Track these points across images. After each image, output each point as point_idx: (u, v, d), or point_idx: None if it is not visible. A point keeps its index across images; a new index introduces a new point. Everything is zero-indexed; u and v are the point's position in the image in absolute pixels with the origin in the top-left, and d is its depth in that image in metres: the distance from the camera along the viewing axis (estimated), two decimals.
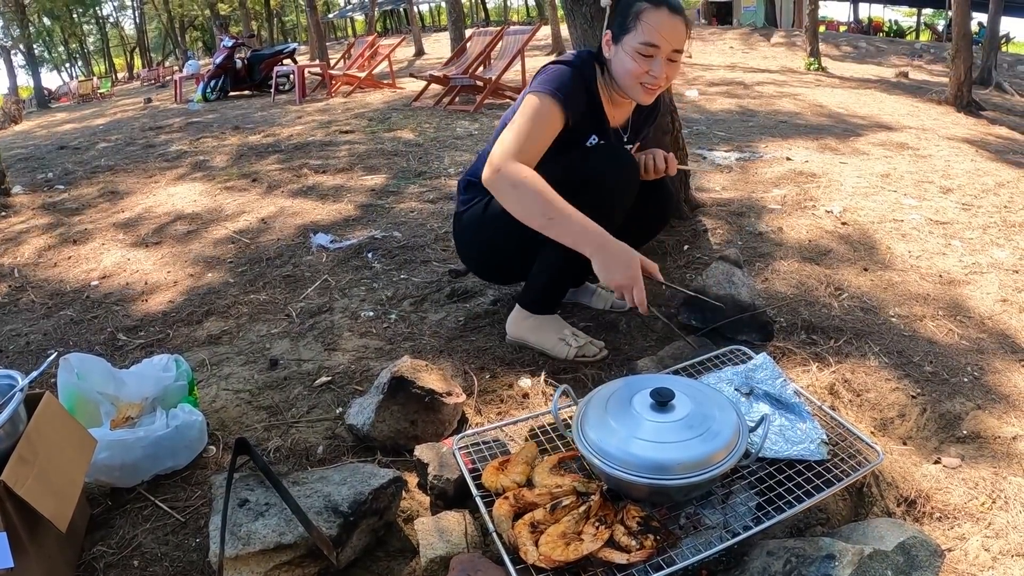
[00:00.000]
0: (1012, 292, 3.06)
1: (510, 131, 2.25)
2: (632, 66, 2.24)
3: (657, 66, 2.23)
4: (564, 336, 2.48)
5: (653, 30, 2.18)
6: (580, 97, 2.33)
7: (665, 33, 2.19)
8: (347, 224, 4.21)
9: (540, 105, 2.25)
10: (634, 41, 2.21)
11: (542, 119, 2.25)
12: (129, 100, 19.42)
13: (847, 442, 1.83)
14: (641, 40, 2.20)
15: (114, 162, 6.91)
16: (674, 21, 2.21)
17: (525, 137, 2.22)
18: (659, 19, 2.19)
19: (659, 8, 2.19)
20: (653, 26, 2.18)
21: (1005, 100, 12.06)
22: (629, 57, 2.24)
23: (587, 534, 1.52)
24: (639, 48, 2.20)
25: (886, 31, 37.37)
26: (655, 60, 2.22)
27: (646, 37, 2.19)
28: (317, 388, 2.40)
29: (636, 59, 2.22)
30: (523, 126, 2.24)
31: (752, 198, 4.32)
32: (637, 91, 2.30)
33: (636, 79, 2.26)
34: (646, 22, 2.19)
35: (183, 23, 49.52)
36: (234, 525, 1.60)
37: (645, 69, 2.23)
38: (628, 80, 2.28)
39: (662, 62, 2.23)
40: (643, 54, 2.21)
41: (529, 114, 2.25)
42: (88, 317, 3.18)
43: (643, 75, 2.25)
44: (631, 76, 2.26)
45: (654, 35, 2.19)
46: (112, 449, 1.84)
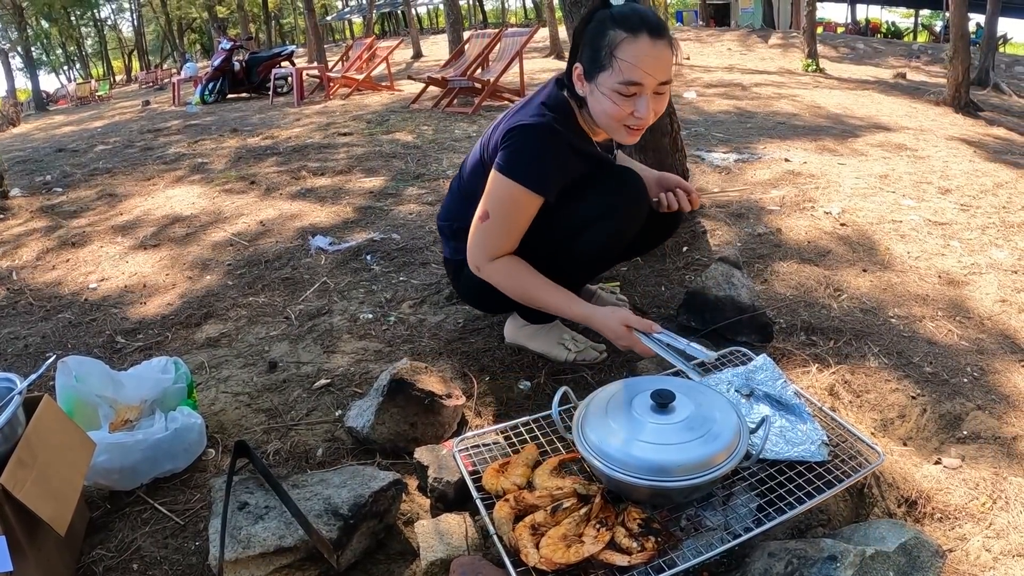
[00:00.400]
0: (1011, 292, 3.06)
1: (484, 228, 2.12)
2: (613, 109, 1.97)
3: (642, 105, 1.95)
4: (563, 340, 2.47)
5: (633, 67, 1.90)
6: (558, 172, 2.10)
7: (648, 67, 1.91)
8: (346, 226, 4.21)
9: (512, 198, 2.07)
10: (612, 81, 1.93)
11: (516, 211, 2.09)
12: (127, 103, 19.44)
13: (848, 443, 1.83)
14: (621, 80, 1.92)
15: (112, 165, 6.91)
16: (657, 50, 1.91)
17: (500, 233, 2.12)
18: (639, 51, 1.89)
19: (637, 37, 1.90)
20: (633, 62, 1.90)
21: (1003, 101, 12.07)
22: (608, 99, 1.96)
23: (588, 536, 1.52)
24: (619, 89, 1.93)
25: (884, 32, 37.44)
26: (639, 99, 1.95)
27: (626, 76, 1.91)
28: (316, 391, 2.40)
29: (617, 100, 1.95)
30: (497, 223, 2.10)
31: (751, 199, 4.32)
32: (620, 133, 2.05)
33: (619, 122, 2.00)
34: (624, 59, 1.90)
35: (181, 25, 49.62)
36: (234, 528, 1.60)
37: (628, 111, 1.97)
38: (609, 123, 2.03)
39: (647, 99, 1.95)
40: (624, 94, 1.94)
41: (501, 211, 2.09)
42: (86, 320, 3.17)
43: (626, 117, 1.98)
44: (612, 119, 2.00)
45: (635, 72, 1.91)
46: (111, 452, 1.84)
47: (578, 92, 2.06)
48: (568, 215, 2.15)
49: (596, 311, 2.09)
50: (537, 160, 2.05)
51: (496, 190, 2.08)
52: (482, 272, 2.18)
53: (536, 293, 2.14)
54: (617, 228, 2.20)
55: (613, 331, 2.03)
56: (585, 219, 2.16)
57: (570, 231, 2.16)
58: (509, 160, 2.06)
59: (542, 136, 2.05)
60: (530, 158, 2.05)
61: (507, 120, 2.15)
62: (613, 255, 2.43)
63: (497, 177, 2.07)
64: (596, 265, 2.42)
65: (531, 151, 2.05)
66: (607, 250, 2.25)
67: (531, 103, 2.16)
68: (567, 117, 2.11)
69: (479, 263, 2.16)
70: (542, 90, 2.20)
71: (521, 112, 2.13)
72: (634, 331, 1.99)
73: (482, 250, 2.14)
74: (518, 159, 2.05)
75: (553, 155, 2.07)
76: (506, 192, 2.06)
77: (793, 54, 18.70)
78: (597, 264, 2.42)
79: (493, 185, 2.09)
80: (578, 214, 2.16)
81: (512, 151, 2.06)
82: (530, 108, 2.12)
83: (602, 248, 2.22)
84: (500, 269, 2.14)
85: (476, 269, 2.19)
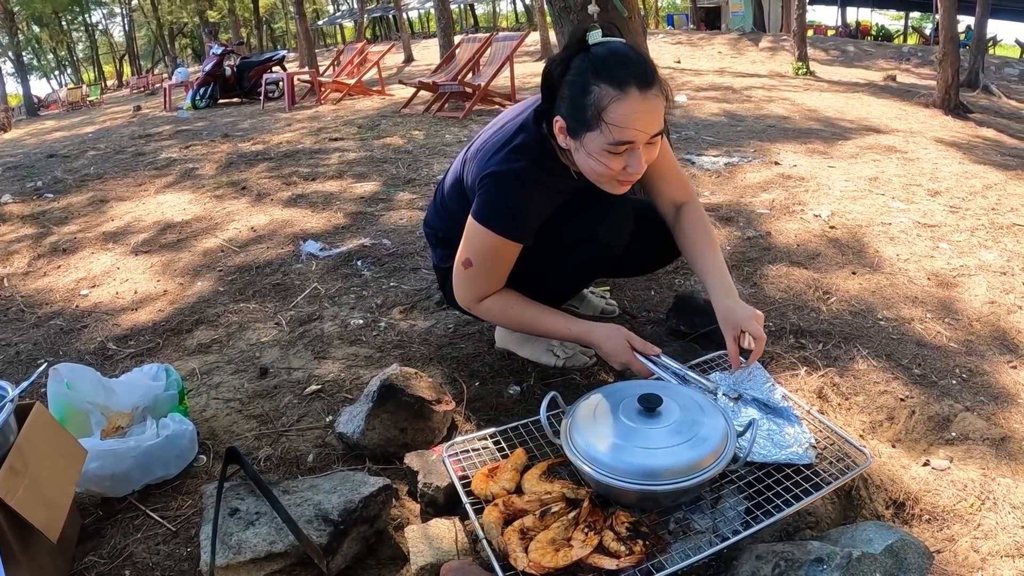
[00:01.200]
0: (1000, 294, 3.07)
1: (468, 275, 2.09)
2: (602, 168, 1.85)
3: (635, 160, 1.83)
4: (552, 347, 2.47)
5: (623, 129, 1.76)
6: (534, 216, 2.04)
7: (640, 125, 1.77)
8: (337, 232, 4.21)
9: (491, 247, 2.02)
10: (600, 142, 1.79)
11: (497, 258, 2.06)
12: (118, 108, 19.39)
13: (835, 446, 1.84)
14: (609, 142, 1.78)
15: (103, 170, 6.89)
16: (648, 103, 1.76)
17: (484, 278, 2.09)
18: (629, 111, 1.75)
19: (626, 94, 1.74)
20: (623, 124, 1.75)
21: (992, 103, 12.12)
22: (595, 159, 1.84)
23: (576, 540, 1.52)
24: (609, 149, 1.80)
25: (874, 35, 37.46)
26: (631, 154, 1.82)
27: (616, 137, 1.77)
28: (307, 396, 2.40)
29: (606, 160, 1.82)
30: (480, 270, 2.07)
31: (741, 202, 4.33)
32: (612, 187, 1.94)
33: (611, 179, 1.90)
34: (613, 121, 1.75)
35: (172, 30, 49.47)
36: (224, 534, 1.61)
37: (620, 167, 1.84)
38: (597, 179, 1.92)
39: (639, 153, 1.82)
40: (615, 153, 1.81)
41: (482, 259, 2.05)
42: (78, 326, 3.17)
43: (618, 173, 1.86)
44: (600, 176, 1.90)
45: (626, 133, 1.76)
46: (103, 459, 1.84)
47: (560, 144, 1.93)
48: (551, 238, 2.11)
49: (596, 327, 2.10)
50: (511, 209, 1.99)
51: (475, 239, 2.03)
52: (473, 311, 2.18)
53: (531, 322, 2.15)
54: (600, 252, 2.19)
55: (614, 347, 2.03)
56: (568, 243, 2.13)
57: (552, 253, 2.15)
58: (484, 209, 2.00)
59: (515, 185, 1.98)
60: (505, 207, 1.99)
61: (484, 154, 2.06)
62: (596, 275, 2.43)
63: (474, 226, 2.01)
64: (577, 284, 2.43)
65: (505, 200, 1.99)
66: (590, 271, 2.27)
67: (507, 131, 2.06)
68: (544, 157, 2.01)
69: (468, 305, 2.16)
70: (520, 115, 2.09)
71: (496, 153, 2.02)
72: (634, 351, 2.01)
73: (470, 294, 2.13)
74: (493, 208, 1.99)
75: (529, 203, 2.01)
76: (485, 242, 2.01)
77: (783, 57, 18.77)
78: (578, 283, 2.43)
79: (471, 233, 2.03)
80: (561, 237, 2.12)
81: (487, 200, 2.00)
82: (505, 149, 2.01)
83: (584, 270, 2.26)
84: (491, 306, 2.14)
85: (467, 308, 2.19)
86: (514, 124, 2.06)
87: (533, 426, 1.95)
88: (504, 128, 2.08)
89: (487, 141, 2.10)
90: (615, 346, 2.03)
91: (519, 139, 2.01)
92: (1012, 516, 1.76)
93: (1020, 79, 17.69)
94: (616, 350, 2.03)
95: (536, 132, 2.00)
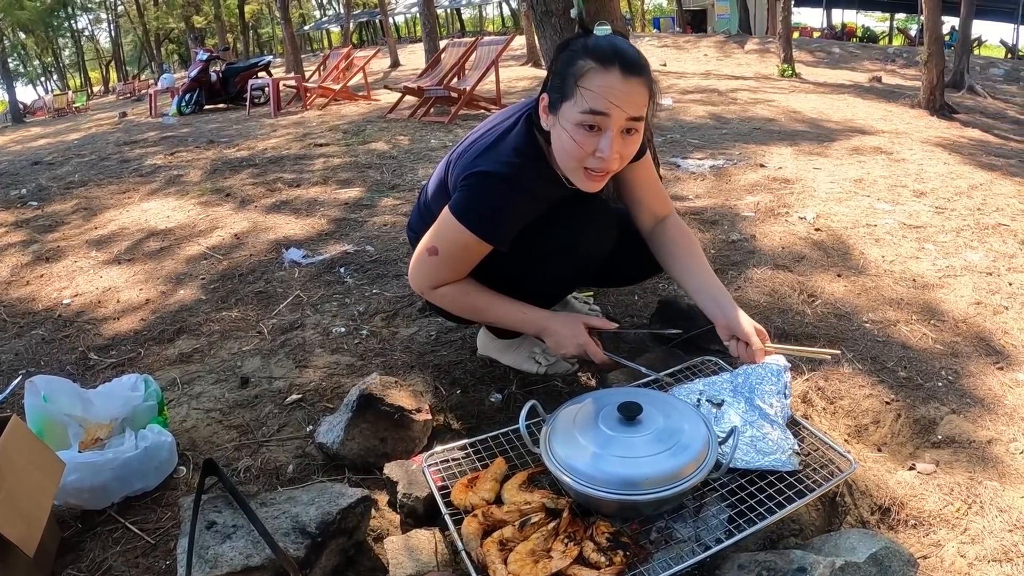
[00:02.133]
0: (986, 295, 3.06)
1: (430, 262, 2.03)
2: (571, 145, 1.79)
3: (606, 143, 1.77)
4: (534, 354, 2.45)
5: (596, 96, 1.72)
6: (512, 223, 1.98)
7: (615, 99, 1.73)
8: (320, 239, 4.19)
9: (461, 242, 1.96)
10: (574, 112, 1.75)
11: (465, 254, 2.00)
12: (104, 114, 19.34)
13: (819, 452, 1.82)
14: (582, 109, 1.74)
15: (88, 177, 6.86)
16: (628, 85, 1.74)
17: (446, 269, 2.04)
18: (606, 82, 1.72)
19: (607, 68, 1.73)
20: (597, 92, 1.72)
21: (977, 103, 12.16)
22: (567, 133, 1.79)
23: (556, 551, 1.50)
24: (580, 119, 1.75)
25: (859, 36, 37.59)
26: (603, 135, 1.77)
27: (588, 104, 1.73)
28: (288, 406, 2.38)
29: (576, 135, 1.77)
30: (444, 261, 2.02)
31: (726, 205, 4.33)
32: (578, 176, 1.87)
33: (578, 161, 1.83)
34: (588, 87, 1.73)
35: (159, 36, 49.43)
36: (201, 548, 1.59)
37: (589, 149, 1.78)
38: (567, 162, 1.86)
39: (613, 137, 1.77)
40: (586, 125, 1.76)
41: (449, 252, 2.00)
42: (59, 336, 3.14)
43: (586, 157, 1.80)
44: (570, 158, 1.83)
45: (598, 101, 1.72)
46: (81, 471, 1.82)
47: (543, 125, 1.90)
48: (531, 245, 2.05)
49: (552, 316, 2.09)
50: (491, 211, 1.94)
51: (446, 231, 1.98)
52: (426, 296, 2.14)
53: (486, 308, 2.12)
54: (579, 262, 2.16)
55: (570, 330, 2.03)
56: (547, 250, 2.09)
57: (531, 261, 2.09)
58: (463, 204, 1.95)
59: (501, 188, 1.93)
60: (485, 208, 1.94)
61: (471, 156, 2.02)
62: (576, 283, 2.41)
63: (449, 218, 1.96)
64: (559, 292, 2.40)
65: (487, 201, 1.94)
66: (570, 280, 2.25)
67: (496, 132, 2.03)
68: (536, 161, 1.97)
69: (422, 290, 2.12)
70: (509, 119, 2.06)
71: (484, 154, 1.99)
72: (594, 338, 2.01)
73: (427, 280, 2.08)
74: (473, 206, 1.94)
75: (510, 208, 1.96)
76: (456, 237, 1.96)
77: (769, 59, 18.83)
78: (560, 291, 2.40)
79: (445, 225, 1.98)
80: (540, 245, 2.07)
81: (468, 196, 1.95)
82: (494, 150, 1.98)
83: (564, 279, 2.23)
84: (445, 293, 2.10)
85: (420, 292, 2.14)
86: (504, 127, 2.04)
87: (514, 435, 1.92)
88: (493, 130, 2.06)
89: (475, 142, 2.06)
90: (571, 328, 2.02)
91: (509, 141, 1.98)
92: (999, 520, 1.75)
93: (1005, 79, 17.77)
94: (572, 332, 2.02)
95: (527, 135, 1.98)
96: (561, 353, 2.09)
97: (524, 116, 2.01)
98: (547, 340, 2.08)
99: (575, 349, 2.04)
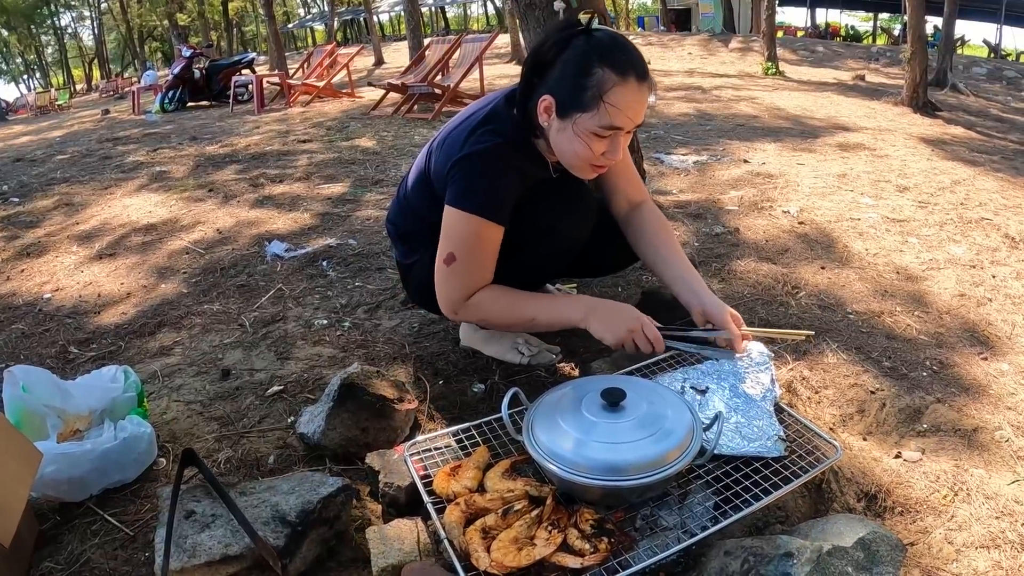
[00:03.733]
0: (969, 287, 3.07)
1: (452, 271, 2.00)
2: (584, 151, 1.86)
3: (616, 146, 1.88)
4: (517, 344, 2.43)
5: (619, 112, 1.80)
6: (510, 198, 1.99)
7: (632, 112, 1.82)
8: (303, 233, 4.16)
9: (474, 233, 1.95)
10: (592, 124, 1.81)
11: (481, 244, 1.98)
12: (87, 112, 19.18)
13: (805, 439, 1.81)
14: (602, 124, 1.81)
15: (71, 174, 6.80)
16: (642, 93, 1.83)
17: (471, 271, 2.00)
18: (627, 96, 1.79)
19: (626, 80, 1.79)
20: (621, 108, 1.79)
21: (960, 101, 12.22)
22: (581, 140, 1.85)
23: (540, 539, 1.49)
24: (597, 131, 1.82)
25: (843, 35, 37.76)
26: (614, 140, 1.87)
27: (609, 120, 1.80)
28: (269, 398, 2.35)
29: (591, 142, 1.84)
30: (465, 262, 1.98)
31: (710, 200, 4.33)
32: (585, 171, 1.97)
33: (587, 162, 1.91)
34: (613, 104, 1.78)
35: (142, 34, 49.23)
36: (179, 537, 1.56)
37: (600, 151, 1.87)
38: (576, 162, 1.93)
39: (620, 140, 1.89)
40: (601, 136, 1.84)
41: (466, 249, 1.97)
42: (39, 330, 3.11)
43: (597, 158, 1.88)
44: (579, 159, 1.90)
45: (619, 117, 1.81)
46: (59, 463, 1.79)
47: (540, 122, 1.92)
48: (515, 227, 2.03)
49: (596, 299, 2.05)
50: (488, 188, 1.94)
51: (454, 228, 1.96)
52: (461, 316, 2.10)
53: (528, 312, 2.05)
54: (560, 244, 2.16)
55: (621, 311, 1.97)
56: (529, 233, 2.08)
57: (512, 244, 2.05)
58: (460, 192, 1.94)
59: (489, 163, 1.94)
60: (480, 186, 1.94)
61: (451, 143, 2.02)
62: (556, 267, 2.39)
63: (452, 213, 1.95)
64: (539, 277, 2.40)
65: (482, 180, 1.94)
66: (550, 264, 2.24)
67: (476, 118, 2.02)
68: (519, 141, 2.00)
69: (456, 308, 2.05)
70: (488, 105, 2.06)
71: (467, 139, 1.98)
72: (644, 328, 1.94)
73: (458, 292, 2.02)
74: (469, 189, 1.94)
75: (502, 181, 1.96)
76: (466, 228, 1.95)
77: (753, 58, 18.89)
78: (540, 276, 2.40)
79: (450, 223, 1.97)
80: (522, 227, 2.05)
81: (462, 182, 1.95)
82: (477, 133, 1.98)
83: (544, 263, 2.22)
84: (480, 302, 2.04)
85: (453, 315, 2.09)
86: (483, 112, 2.03)
87: (496, 424, 1.90)
88: (473, 116, 2.05)
89: (455, 128, 2.06)
90: (624, 308, 1.98)
91: (492, 124, 1.98)
92: (986, 507, 1.75)
93: (988, 78, 17.88)
94: (624, 313, 1.96)
95: (509, 117, 1.99)
96: (608, 337, 1.96)
97: (503, 100, 2.03)
98: (595, 326, 1.98)
99: (630, 325, 1.93)
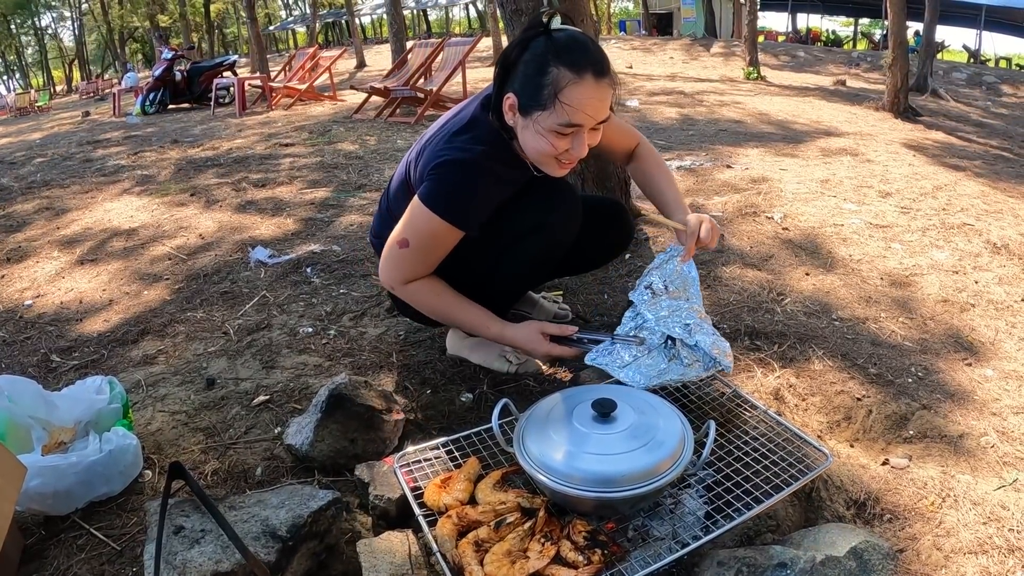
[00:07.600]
0: (953, 292, 3.09)
1: (401, 255, 2.08)
2: (547, 147, 1.90)
3: (579, 143, 1.90)
4: (505, 352, 2.43)
5: (576, 111, 1.83)
6: (482, 207, 2.05)
7: (590, 110, 1.84)
8: (287, 239, 4.14)
9: (432, 231, 2.02)
10: (551, 122, 1.85)
11: (436, 243, 2.05)
12: (67, 113, 19.07)
13: (795, 446, 1.82)
14: (560, 122, 1.84)
15: (51, 177, 6.74)
16: (600, 90, 1.84)
17: (417, 261, 2.09)
18: (583, 94, 1.82)
19: (582, 78, 1.81)
20: (576, 106, 1.82)
21: (941, 106, 12.31)
22: (543, 138, 1.89)
23: (533, 551, 1.48)
24: (557, 130, 1.86)
25: (824, 40, 37.99)
26: (577, 136, 1.89)
27: (566, 118, 1.84)
28: (255, 408, 2.33)
29: (553, 140, 1.88)
30: (415, 252, 2.06)
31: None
32: (551, 166, 1.99)
33: (551, 157, 1.94)
34: (568, 102, 1.82)
35: (123, 35, 48.92)
36: (169, 553, 1.54)
37: (563, 148, 1.90)
38: (541, 159, 1.97)
39: (584, 136, 1.90)
40: (562, 134, 1.87)
41: (421, 242, 2.05)
42: (20, 338, 3.07)
43: (561, 154, 1.92)
44: (543, 155, 1.94)
45: (577, 116, 1.84)
46: (44, 476, 1.76)
47: (507, 122, 1.97)
48: (500, 228, 2.12)
49: (510, 327, 2.15)
50: (461, 196, 2.00)
51: (417, 221, 2.03)
52: (396, 292, 2.18)
53: (451, 313, 2.20)
54: (549, 242, 2.19)
55: (530, 342, 2.09)
56: (516, 234, 2.15)
57: (501, 244, 2.15)
58: (433, 192, 2.00)
59: (469, 173, 1.99)
60: (454, 193, 1.99)
61: (433, 146, 2.07)
62: (546, 269, 2.42)
63: (419, 207, 2.01)
64: (529, 279, 2.42)
65: (456, 187, 1.99)
66: (539, 264, 2.26)
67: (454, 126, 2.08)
68: (498, 146, 2.03)
69: (393, 284, 2.16)
70: (465, 111, 2.12)
71: (446, 147, 2.03)
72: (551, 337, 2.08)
73: (398, 273, 2.12)
74: (442, 193, 1.99)
75: (479, 192, 2.02)
76: (427, 225, 2.01)
77: (735, 62, 18.99)
78: (530, 278, 2.42)
79: (415, 214, 2.03)
80: (510, 228, 2.14)
81: (437, 184, 2.00)
82: (456, 141, 2.03)
83: (533, 262, 2.24)
84: (417, 290, 2.16)
85: (390, 287, 2.19)
86: (463, 117, 2.09)
87: (486, 434, 1.89)
88: (452, 122, 2.11)
89: (435, 136, 2.11)
90: (531, 341, 2.09)
91: (471, 130, 2.05)
92: (973, 513, 1.75)
93: (968, 83, 18.03)
94: (533, 344, 2.09)
95: (486, 122, 2.04)
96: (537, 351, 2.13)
97: (479, 106, 2.08)
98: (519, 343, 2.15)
99: (541, 356, 2.12)
